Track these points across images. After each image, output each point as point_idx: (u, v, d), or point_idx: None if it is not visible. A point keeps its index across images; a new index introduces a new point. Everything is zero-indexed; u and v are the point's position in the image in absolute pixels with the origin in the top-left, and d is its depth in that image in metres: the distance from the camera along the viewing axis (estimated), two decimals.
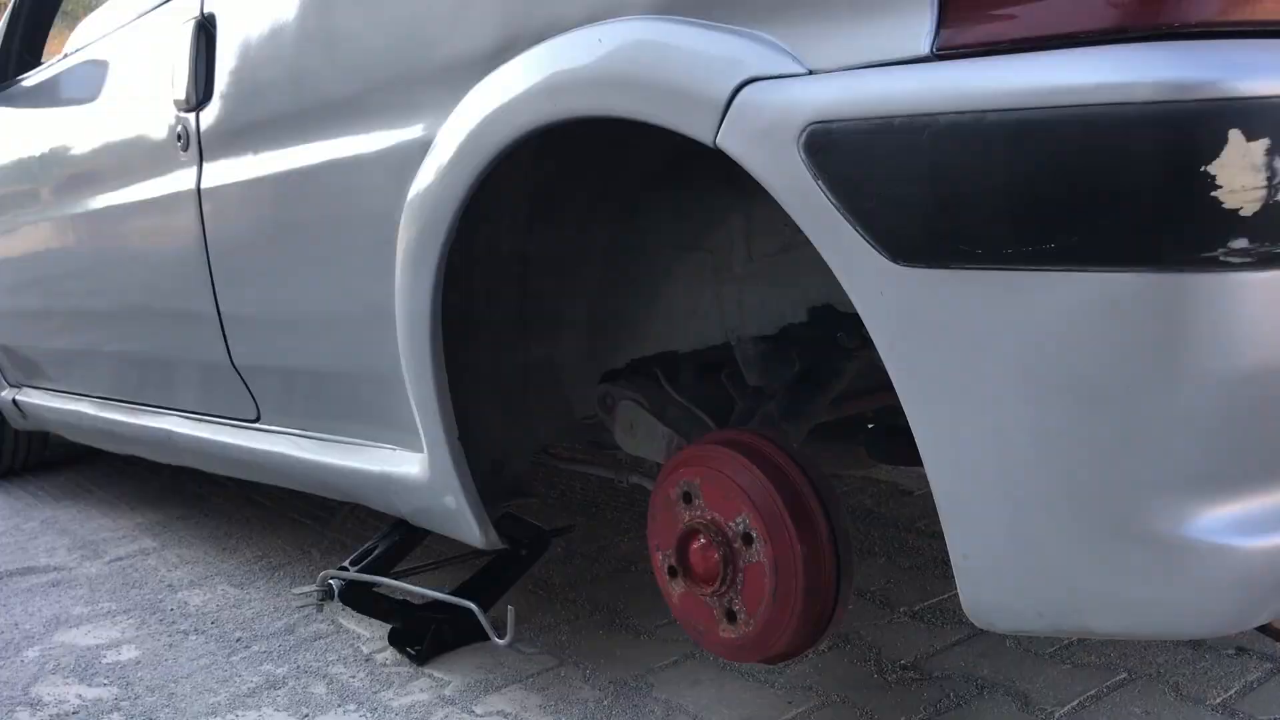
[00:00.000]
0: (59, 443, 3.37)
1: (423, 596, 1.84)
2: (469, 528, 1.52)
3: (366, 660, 1.87)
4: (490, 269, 1.47)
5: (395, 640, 1.90)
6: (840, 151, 0.92)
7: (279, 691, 1.78)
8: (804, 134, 0.94)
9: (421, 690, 1.74)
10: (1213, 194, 0.79)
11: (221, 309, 1.92)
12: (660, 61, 1.06)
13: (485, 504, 1.52)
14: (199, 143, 1.86)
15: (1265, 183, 0.79)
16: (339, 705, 1.71)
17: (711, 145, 1.01)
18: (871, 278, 0.93)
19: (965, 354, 0.91)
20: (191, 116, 1.87)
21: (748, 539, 1.23)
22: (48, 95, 2.53)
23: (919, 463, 0.97)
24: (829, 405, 1.68)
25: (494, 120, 1.25)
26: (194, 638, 2.02)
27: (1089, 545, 0.91)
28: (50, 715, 1.74)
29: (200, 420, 2.19)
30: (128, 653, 1.98)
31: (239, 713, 1.70)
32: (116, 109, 2.16)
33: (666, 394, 1.65)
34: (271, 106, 1.68)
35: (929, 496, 0.99)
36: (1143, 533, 0.89)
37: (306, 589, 1.82)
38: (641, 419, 1.62)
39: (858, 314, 0.96)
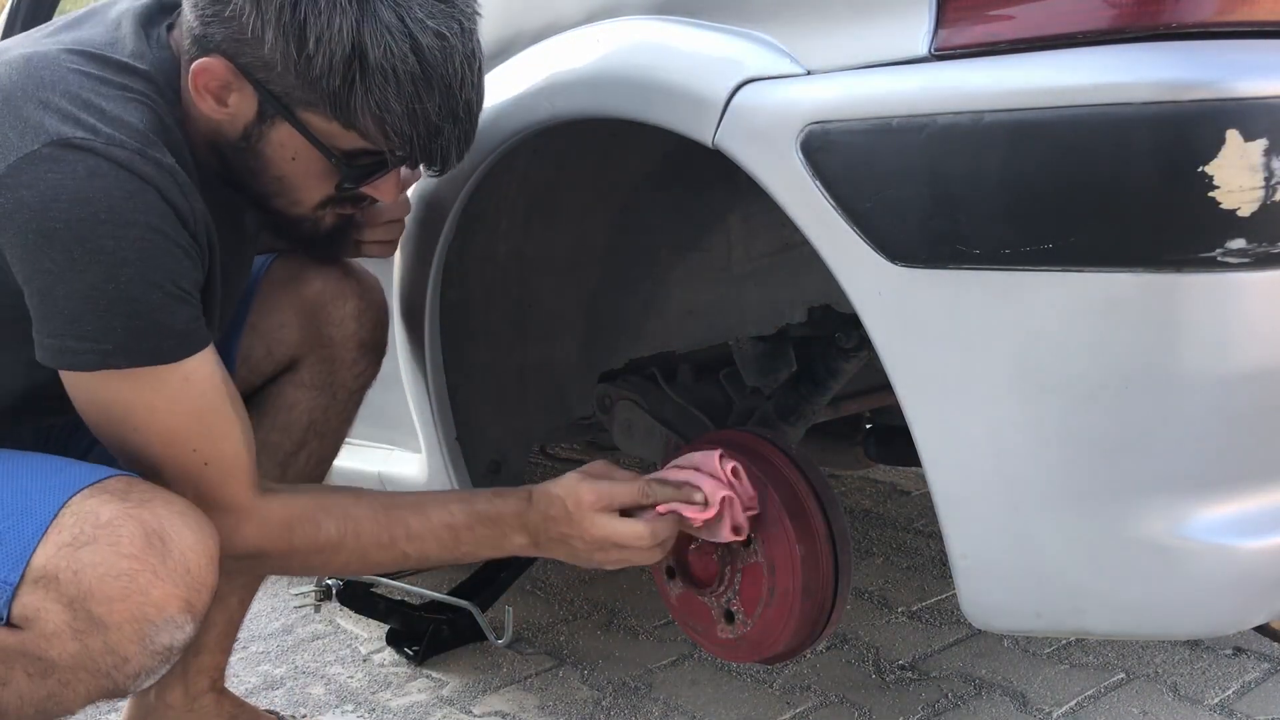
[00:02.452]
0: None
1: (421, 597, 1.85)
2: None
3: (364, 661, 1.87)
4: (488, 269, 1.47)
5: (393, 641, 1.90)
6: (838, 152, 0.92)
7: (277, 692, 1.78)
8: (802, 134, 0.94)
9: (420, 691, 1.74)
10: (1210, 194, 0.79)
11: None
12: (658, 62, 1.06)
13: None
14: None
15: (1263, 183, 0.79)
16: (337, 706, 1.71)
17: (710, 145, 1.01)
18: (870, 278, 0.93)
19: (964, 354, 0.91)
20: None
21: (745, 539, 1.23)
22: None
23: (917, 463, 0.97)
24: (827, 405, 1.68)
25: (492, 120, 1.25)
26: None
27: (1087, 545, 0.91)
28: None
29: None
30: None
31: None
32: None
33: (664, 394, 1.64)
34: None
35: (927, 497, 0.99)
36: (1140, 533, 0.89)
37: (304, 590, 1.82)
38: (639, 419, 1.62)
39: (856, 314, 0.96)
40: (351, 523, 1.15)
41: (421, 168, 1.14)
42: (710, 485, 1.16)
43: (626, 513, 1.16)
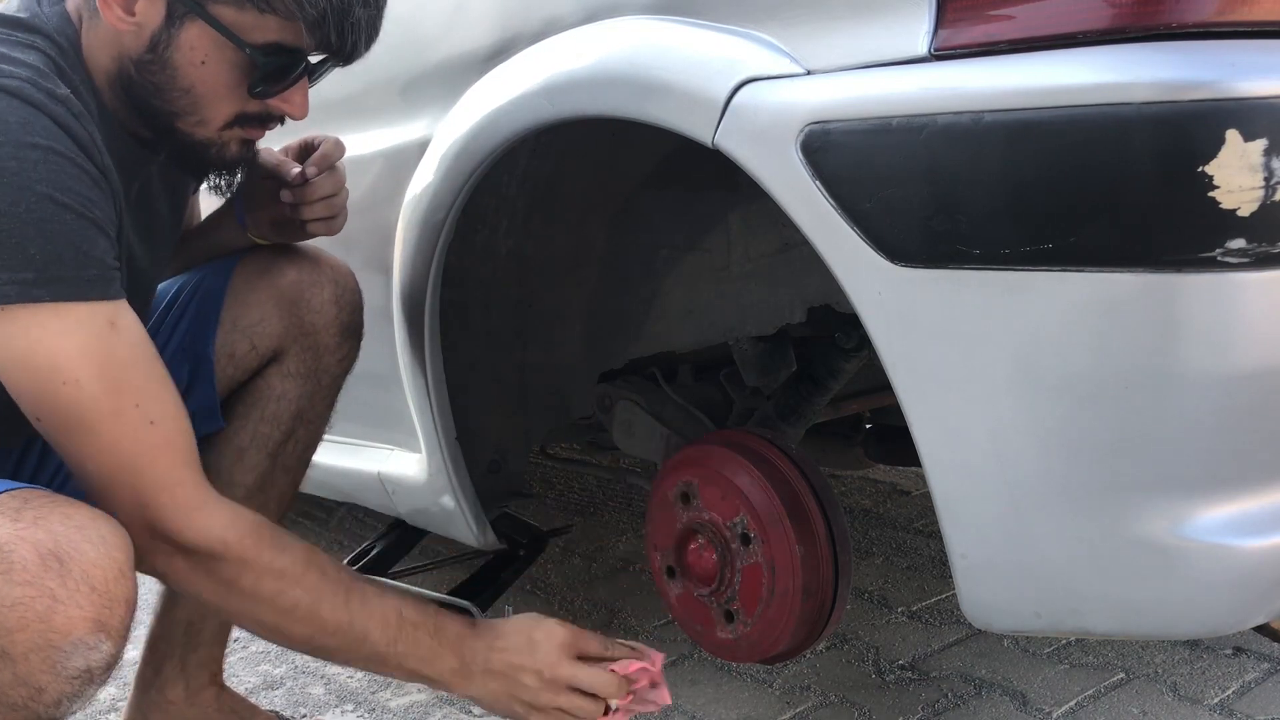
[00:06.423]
0: None
1: (420, 597, 1.84)
2: (466, 528, 1.52)
3: None
4: (488, 268, 1.47)
5: None
6: (838, 152, 0.92)
7: (277, 692, 1.78)
8: (802, 134, 0.94)
9: (420, 690, 1.74)
10: (1210, 194, 0.79)
11: None
12: (658, 61, 1.06)
13: (483, 504, 1.52)
14: None
15: (1263, 183, 0.79)
16: (337, 705, 1.71)
17: (710, 145, 1.01)
18: (870, 278, 0.93)
19: (963, 354, 0.91)
20: None
21: (745, 539, 1.23)
22: None
23: (917, 463, 0.97)
24: (827, 405, 1.68)
25: (492, 120, 1.25)
26: None
27: (1087, 545, 0.91)
28: None
29: None
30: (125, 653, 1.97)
31: None
32: None
33: (664, 394, 1.64)
34: None
35: (927, 496, 0.99)
36: (1140, 533, 0.89)
37: None
38: (640, 419, 1.62)
39: (856, 314, 0.96)
40: (316, 561, 1.10)
41: (330, 62, 1.14)
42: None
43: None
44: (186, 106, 1.12)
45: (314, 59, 1.14)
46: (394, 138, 1.45)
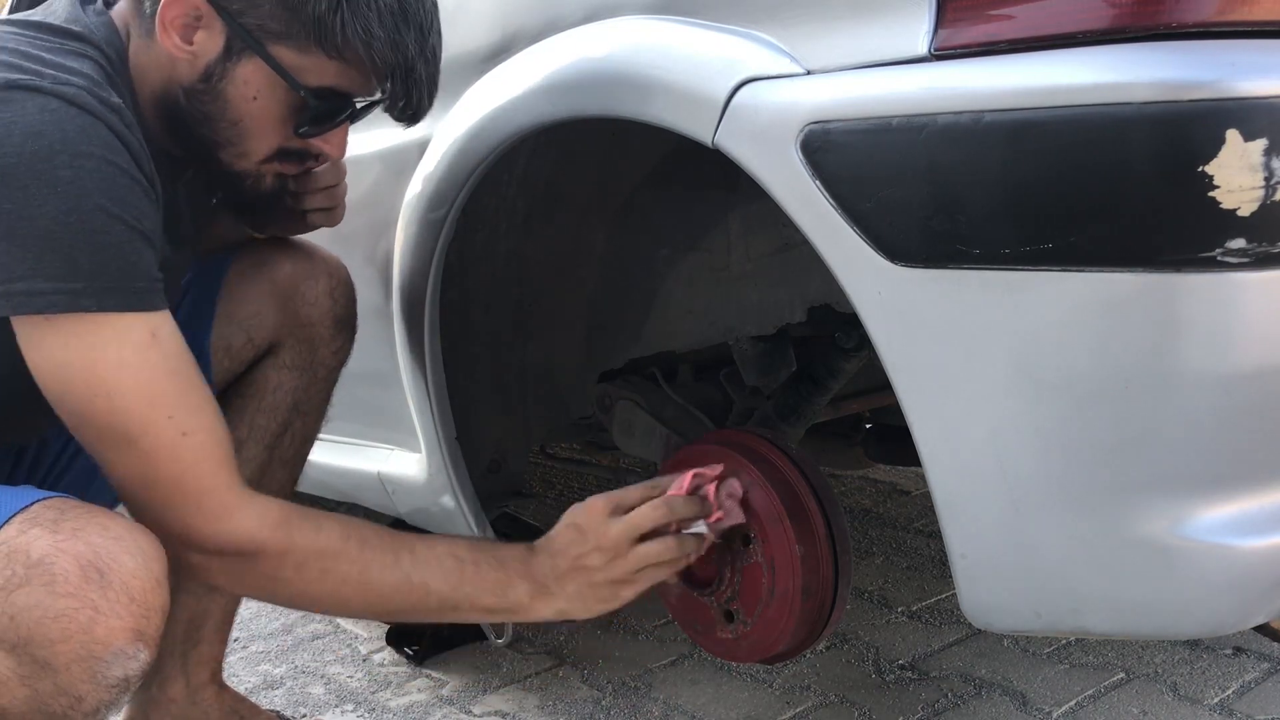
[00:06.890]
0: None
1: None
2: (466, 528, 1.52)
3: (364, 660, 1.87)
4: (488, 269, 1.47)
5: (393, 640, 1.90)
6: (838, 152, 0.93)
7: (276, 692, 1.78)
8: (802, 134, 0.94)
9: (419, 690, 1.74)
10: (1210, 194, 0.79)
11: None
12: (658, 61, 1.06)
13: (483, 504, 1.52)
14: None
15: (1263, 183, 0.79)
16: (337, 705, 1.71)
17: (710, 145, 1.01)
18: (870, 278, 0.93)
19: (963, 354, 0.91)
20: None
21: (745, 539, 1.23)
22: None
23: (917, 462, 0.97)
24: (827, 405, 1.68)
25: (492, 120, 1.25)
26: None
27: (1086, 545, 0.91)
28: None
29: None
30: None
31: None
32: None
33: (664, 394, 1.64)
34: None
35: (927, 496, 0.99)
36: (1140, 532, 0.89)
37: None
38: (639, 419, 1.62)
39: (856, 314, 0.96)
40: (355, 530, 1.10)
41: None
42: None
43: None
44: (232, 138, 1.13)
45: (359, 104, 1.15)
46: (394, 137, 1.45)
